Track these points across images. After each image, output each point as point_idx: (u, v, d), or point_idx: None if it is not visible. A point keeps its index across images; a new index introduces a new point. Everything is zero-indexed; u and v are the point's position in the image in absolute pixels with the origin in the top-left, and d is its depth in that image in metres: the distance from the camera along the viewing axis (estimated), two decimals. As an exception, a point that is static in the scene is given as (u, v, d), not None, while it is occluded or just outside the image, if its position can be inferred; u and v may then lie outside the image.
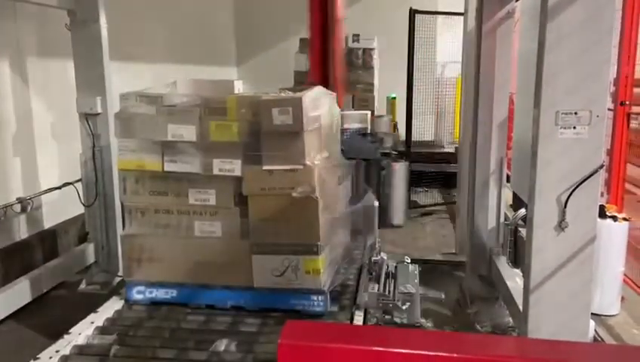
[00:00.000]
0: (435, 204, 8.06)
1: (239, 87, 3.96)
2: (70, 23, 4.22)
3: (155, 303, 2.83)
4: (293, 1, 9.13)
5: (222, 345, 2.38)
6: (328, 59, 4.08)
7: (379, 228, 3.70)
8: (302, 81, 6.03)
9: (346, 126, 3.91)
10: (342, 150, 3.37)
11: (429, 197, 8.23)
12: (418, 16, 7.28)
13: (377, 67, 6.65)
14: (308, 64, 6.15)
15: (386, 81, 7.20)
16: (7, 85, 4.47)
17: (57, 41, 4.58)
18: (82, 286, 4.45)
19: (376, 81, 6.45)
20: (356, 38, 6.52)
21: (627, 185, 4.82)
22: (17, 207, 4.29)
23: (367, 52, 6.49)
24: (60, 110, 4.87)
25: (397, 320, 3.06)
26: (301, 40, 6.69)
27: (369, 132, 3.89)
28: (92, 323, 2.73)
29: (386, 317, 3.03)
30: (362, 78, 6.50)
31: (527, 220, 3.02)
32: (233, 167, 2.69)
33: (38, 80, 4.76)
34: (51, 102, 4.89)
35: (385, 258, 3.55)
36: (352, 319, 2.69)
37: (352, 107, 6.00)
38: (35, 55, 4.77)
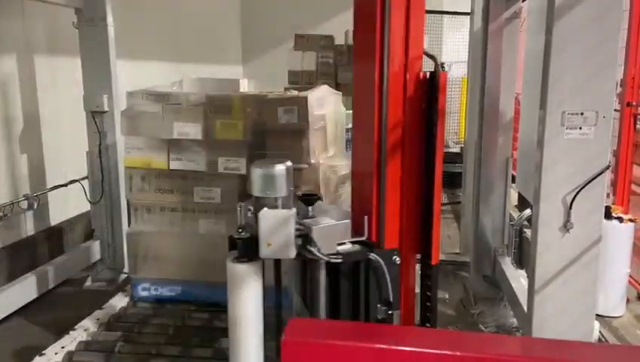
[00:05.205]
0: (439, 204, 8.05)
1: (245, 86, 3.96)
2: (77, 21, 4.24)
3: (160, 300, 2.85)
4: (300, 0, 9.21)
5: (226, 342, 2.39)
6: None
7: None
8: (297, 82, 5.51)
9: (351, 125, 3.91)
10: None
11: (434, 197, 8.23)
12: (424, 16, 7.27)
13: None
14: (304, 62, 5.84)
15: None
16: (15, 82, 4.50)
17: (65, 39, 4.61)
18: (88, 283, 4.46)
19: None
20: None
21: (633, 187, 4.80)
22: (24, 204, 4.32)
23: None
24: (67, 108, 4.90)
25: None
26: (297, 36, 5.89)
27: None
28: (97, 319, 2.76)
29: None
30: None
31: (532, 221, 3.01)
32: (238, 165, 2.70)
33: (45, 77, 4.78)
34: (58, 99, 4.91)
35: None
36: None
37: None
38: (43, 53, 4.79)
